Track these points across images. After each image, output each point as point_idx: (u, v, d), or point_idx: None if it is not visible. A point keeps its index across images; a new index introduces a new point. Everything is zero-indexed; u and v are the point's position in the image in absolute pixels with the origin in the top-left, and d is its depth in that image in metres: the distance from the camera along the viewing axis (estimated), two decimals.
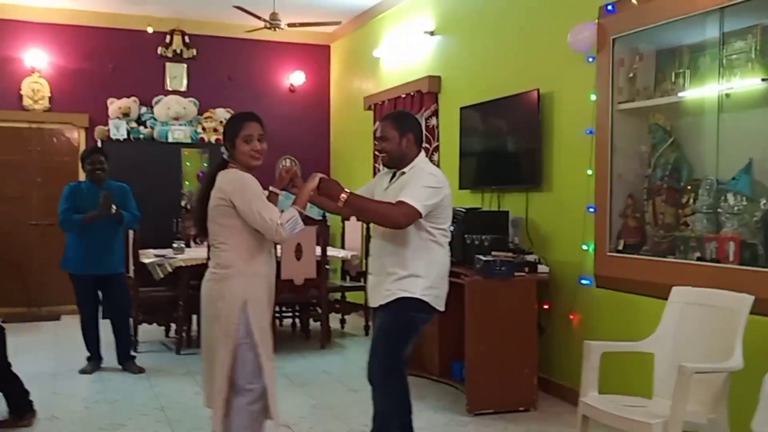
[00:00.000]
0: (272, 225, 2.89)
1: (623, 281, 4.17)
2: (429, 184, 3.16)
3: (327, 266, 6.48)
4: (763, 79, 3.44)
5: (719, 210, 3.70)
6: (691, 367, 2.78)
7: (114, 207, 5.17)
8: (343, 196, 3.06)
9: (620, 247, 4.25)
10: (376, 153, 3.38)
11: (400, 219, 3.07)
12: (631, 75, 4.23)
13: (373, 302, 3.31)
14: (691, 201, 3.88)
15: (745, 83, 3.56)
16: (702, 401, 3.02)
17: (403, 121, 3.35)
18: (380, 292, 3.24)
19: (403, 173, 3.28)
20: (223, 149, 3.15)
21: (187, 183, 8.12)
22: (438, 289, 3.25)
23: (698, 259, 3.72)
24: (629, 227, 4.23)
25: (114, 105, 7.81)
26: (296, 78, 8.73)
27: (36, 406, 4.19)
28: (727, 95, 3.59)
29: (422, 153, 3.39)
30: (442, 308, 3.29)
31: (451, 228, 5.00)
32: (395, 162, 3.32)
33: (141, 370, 5.40)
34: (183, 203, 8.01)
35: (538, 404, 4.51)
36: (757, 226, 3.48)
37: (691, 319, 3.26)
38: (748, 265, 3.44)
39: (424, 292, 3.19)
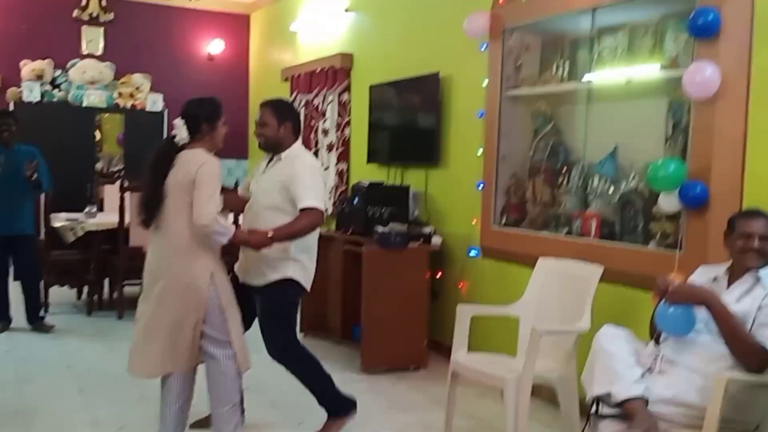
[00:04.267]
0: (210, 212, 3.00)
1: (505, 252, 4.56)
2: (315, 180, 3.43)
3: None
4: (627, 79, 3.83)
5: (587, 190, 4.12)
6: (540, 329, 3.18)
7: (34, 174, 5.24)
8: (270, 234, 3.22)
9: (504, 222, 4.64)
10: (255, 136, 3.59)
11: (319, 221, 3.39)
12: (518, 64, 4.58)
13: (247, 279, 3.51)
14: (566, 181, 4.29)
15: (611, 76, 3.97)
16: (555, 358, 3.43)
17: (283, 110, 3.56)
18: (255, 271, 3.46)
19: (279, 159, 3.51)
20: (182, 132, 3.15)
21: (105, 146, 8.18)
22: (308, 270, 3.52)
23: (566, 233, 4.13)
24: (512, 204, 4.63)
25: (27, 67, 7.75)
26: (215, 46, 8.82)
27: None
28: (629, 81, 3.83)
29: (299, 141, 3.60)
30: (309, 288, 3.55)
31: (355, 200, 5.36)
32: (271, 147, 3.54)
33: (51, 328, 5.54)
34: (100, 167, 8.08)
35: (428, 364, 4.91)
36: (616, 206, 3.91)
37: (552, 286, 3.67)
38: (607, 239, 3.88)
39: (296, 273, 3.45)
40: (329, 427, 3.58)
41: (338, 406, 3.60)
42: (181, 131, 3.17)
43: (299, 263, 3.46)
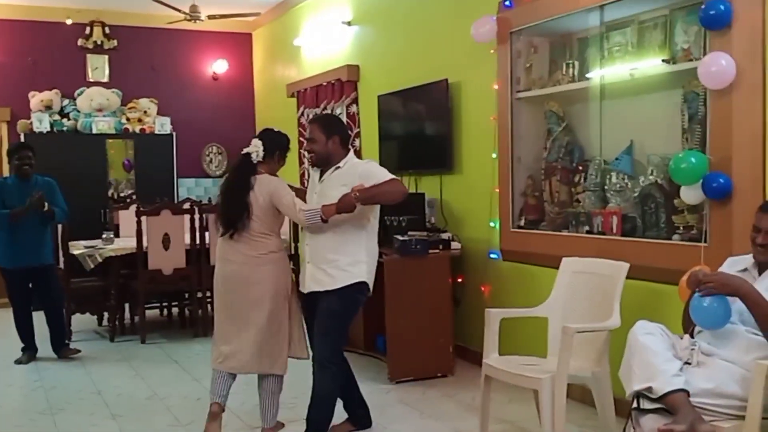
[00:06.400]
0: (298, 208, 3.55)
1: (526, 254, 4.57)
2: (382, 170, 3.60)
3: None
4: (631, 72, 3.87)
5: (605, 187, 4.13)
6: (573, 328, 3.18)
7: (46, 205, 5.29)
8: (356, 194, 3.40)
9: (522, 224, 4.65)
10: (305, 152, 3.79)
11: (403, 192, 3.57)
12: (527, 65, 4.60)
13: (314, 287, 3.62)
14: (582, 180, 4.30)
15: (623, 73, 3.98)
16: (587, 357, 3.43)
17: (330, 125, 3.71)
18: (321, 278, 3.58)
19: (338, 167, 3.62)
20: (259, 151, 3.63)
21: (112, 171, 8.23)
22: (373, 273, 3.68)
23: (587, 232, 4.14)
24: (529, 205, 4.64)
25: (36, 98, 7.81)
26: (219, 66, 8.87)
27: None
28: (641, 76, 3.87)
29: (351, 152, 3.73)
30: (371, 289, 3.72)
31: None
32: (322, 162, 3.67)
33: (77, 351, 5.61)
34: (110, 193, 8.12)
35: (455, 370, 4.91)
36: (636, 201, 3.92)
37: (578, 285, 3.67)
38: (628, 236, 3.88)
39: (368, 276, 3.61)
40: None
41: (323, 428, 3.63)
42: (259, 150, 3.64)
43: (367, 265, 3.60)
